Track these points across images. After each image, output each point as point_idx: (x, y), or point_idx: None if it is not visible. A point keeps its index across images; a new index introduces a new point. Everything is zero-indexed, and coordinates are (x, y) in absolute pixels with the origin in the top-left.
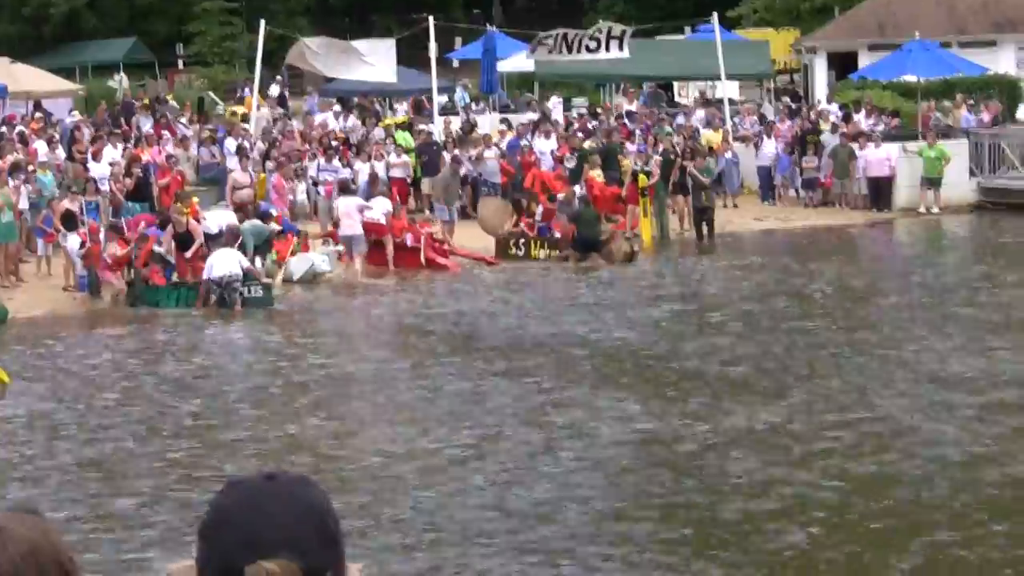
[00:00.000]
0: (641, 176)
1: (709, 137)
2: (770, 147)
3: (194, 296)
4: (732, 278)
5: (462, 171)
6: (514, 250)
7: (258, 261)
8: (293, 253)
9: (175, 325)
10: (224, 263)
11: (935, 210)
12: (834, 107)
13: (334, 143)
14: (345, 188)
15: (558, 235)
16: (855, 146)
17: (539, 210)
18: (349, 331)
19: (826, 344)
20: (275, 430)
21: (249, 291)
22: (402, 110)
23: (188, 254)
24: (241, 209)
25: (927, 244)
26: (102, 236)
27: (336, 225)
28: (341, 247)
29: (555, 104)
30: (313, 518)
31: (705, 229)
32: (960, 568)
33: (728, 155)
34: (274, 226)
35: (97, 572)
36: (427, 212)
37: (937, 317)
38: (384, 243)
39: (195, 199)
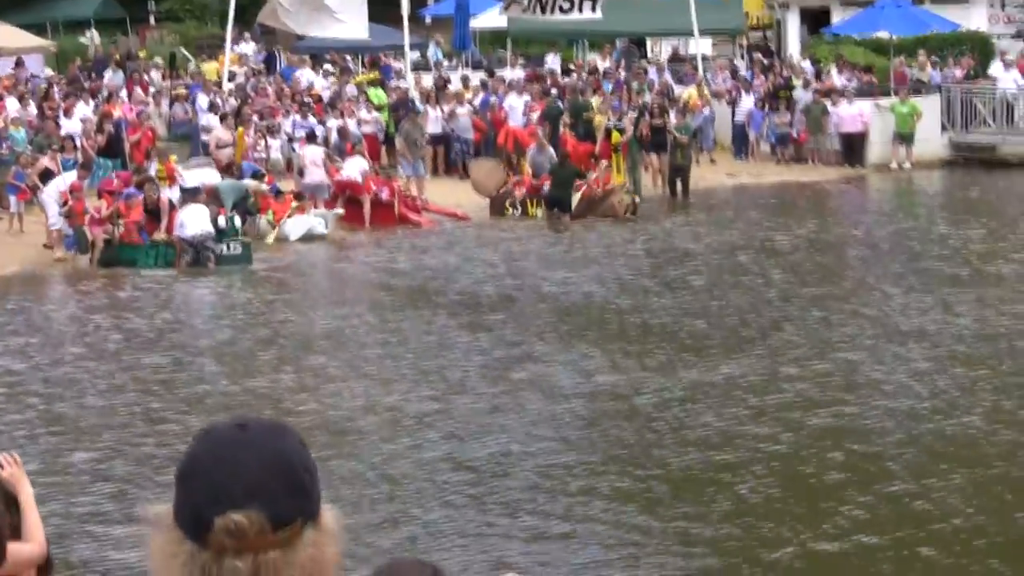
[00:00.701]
0: (615, 133)
1: (689, 93)
2: (747, 103)
3: (172, 254)
4: (702, 234)
5: (433, 128)
6: (511, 210)
7: (237, 219)
8: (291, 215)
9: (148, 283)
10: (196, 221)
11: (907, 166)
12: (807, 64)
13: (307, 100)
14: (311, 137)
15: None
16: (828, 102)
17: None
18: (321, 288)
19: (790, 298)
20: (236, 384)
21: (228, 248)
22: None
23: (161, 228)
24: (227, 169)
25: (898, 199)
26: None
27: (301, 173)
28: (340, 210)
29: (552, 61)
30: (283, 467)
31: (679, 187)
32: (910, 517)
33: (706, 112)
34: (264, 185)
35: (53, 526)
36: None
37: (902, 271)
38: (361, 201)
39: (173, 157)
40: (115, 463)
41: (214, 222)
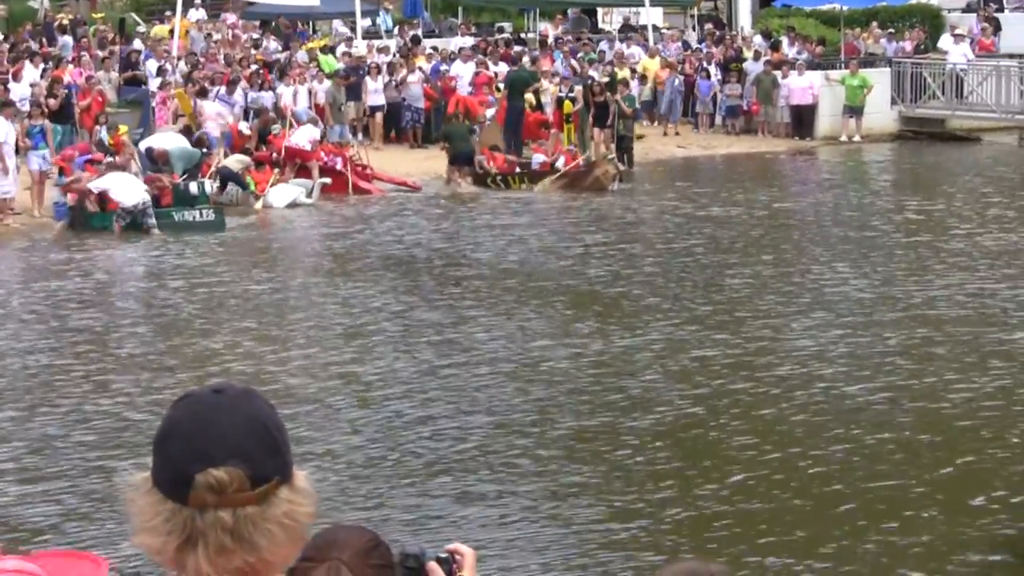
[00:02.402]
0: (566, 103)
1: (645, 64)
2: (712, 74)
3: (137, 223)
4: (643, 205)
5: (379, 97)
6: (493, 186)
7: (207, 184)
8: (273, 184)
9: (109, 246)
10: (131, 193)
11: (856, 138)
12: (758, 37)
13: (254, 66)
14: (203, 93)
15: (537, 166)
16: (778, 74)
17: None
18: (274, 256)
19: (721, 268)
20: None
21: (200, 215)
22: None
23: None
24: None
25: (844, 172)
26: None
27: (199, 127)
28: (326, 179)
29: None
30: (259, 428)
31: (624, 158)
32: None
33: (676, 82)
34: (247, 159)
35: None
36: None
37: (833, 243)
38: (310, 168)
39: (123, 128)
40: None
41: (181, 188)
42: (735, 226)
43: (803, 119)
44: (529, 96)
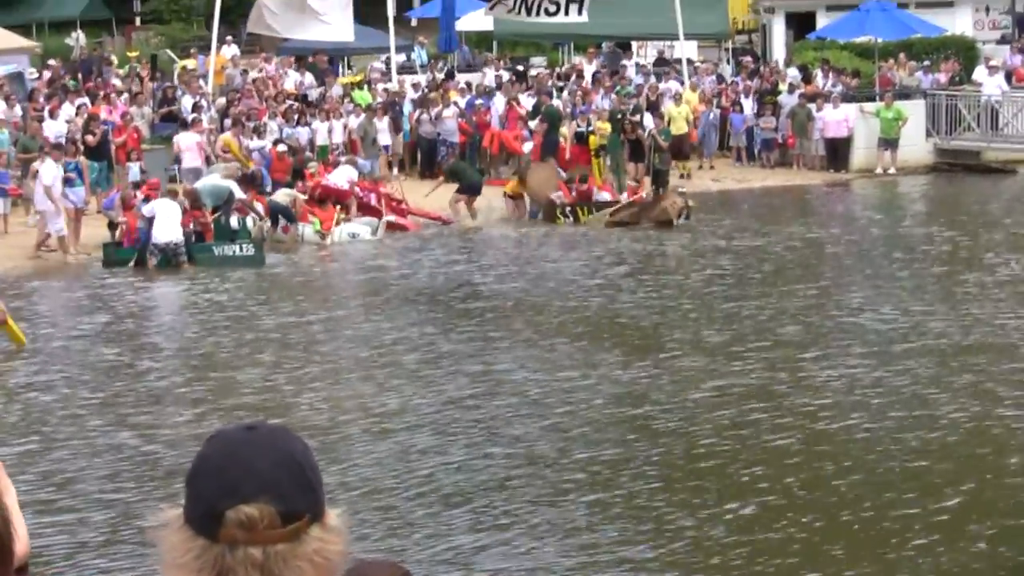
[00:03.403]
0: (591, 137)
1: (687, 98)
2: (746, 107)
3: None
4: (677, 238)
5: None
6: (562, 219)
7: (249, 221)
8: (338, 223)
9: (136, 281)
10: (168, 229)
11: (892, 171)
12: (792, 69)
13: (289, 102)
14: (185, 125)
15: (606, 197)
16: (813, 107)
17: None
18: (312, 291)
19: (742, 300)
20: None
21: (241, 249)
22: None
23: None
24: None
25: (879, 204)
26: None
27: (178, 160)
28: (393, 217)
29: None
30: (291, 465)
31: (659, 191)
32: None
33: (711, 116)
34: (301, 195)
35: None
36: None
37: (869, 274)
38: (347, 206)
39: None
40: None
41: (222, 223)
42: (768, 258)
43: (838, 152)
44: (564, 130)
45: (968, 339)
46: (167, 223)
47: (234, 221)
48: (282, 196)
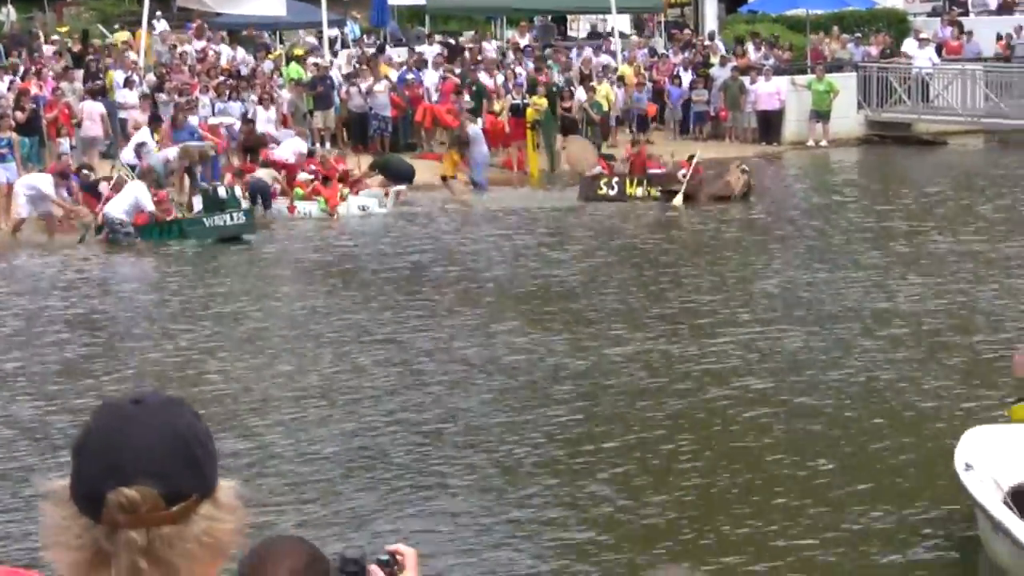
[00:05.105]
0: (529, 110)
1: (623, 71)
2: (684, 80)
3: (169, 231)
4: (606, 210)
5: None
6: (605, 189)
7: (237, 190)
8: (343, 198)
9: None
10: (117, 204)
11: (823, 143)
12: (719, 42)
13: (221, 77)
14: (94, 93)
15: (657, 171)
16: (745, 80)
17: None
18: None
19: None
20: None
21: (231, 218)
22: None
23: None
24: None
25: (810, 177)
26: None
27: (79, 126)
28: (404, 187)
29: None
30: (177, 443)
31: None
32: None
33: (644, 92)
34: (207, 144)
35: None
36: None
37: (803, 249)
38: (355, 182)
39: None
40: None
41: (210, 193)
42: (695, 230)
43: (770, 124)
44: (498, 105)
45: (867, 307)
46: (120, 200)
47: (222, 191)
48: (267, 175)
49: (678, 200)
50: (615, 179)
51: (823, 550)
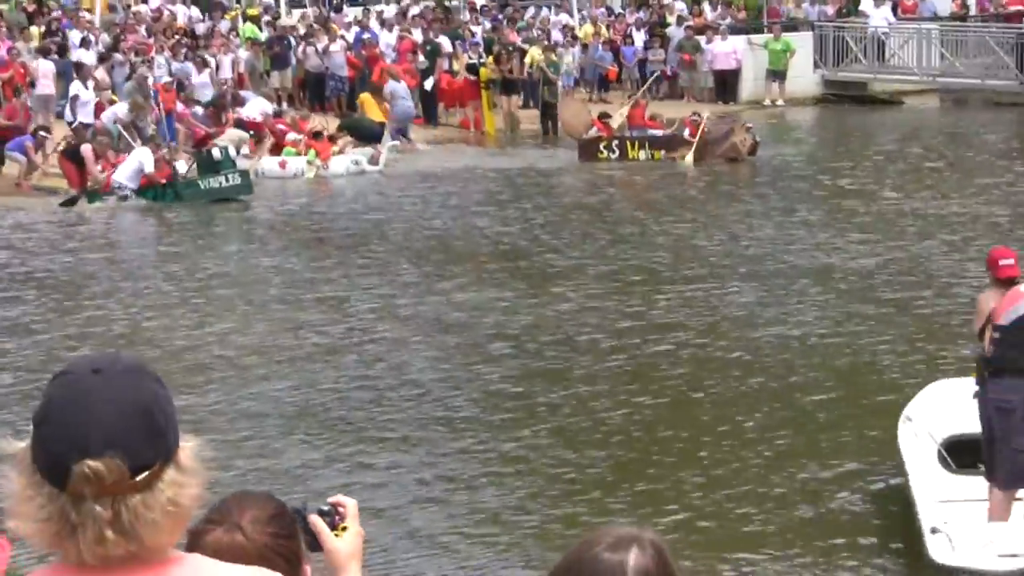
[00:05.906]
0: (482, 70)
1: (585, 30)
2: (637, 40)
3: (164, 195)
4: (561, 168)
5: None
6: (605, 153)
7: (232, 150)
8: (336, 154)
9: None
10: (123, 169)
11: (780, 102)
12: (680, 3)
13: (176, 36)
14: (45, 52)
15: (659, 134)
16: (701, 39)
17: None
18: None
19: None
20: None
21: (226, 179)
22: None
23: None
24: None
25: (767, 135)
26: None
27: (32, 85)
28: (398, 142)
29: None
30: (139, 412)
31: (550, 124)
32: None
33: (600, 49)
34: (240, 132)
35: None
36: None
37: (746, 205)
38: (262, 138)
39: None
40: None
41: (204, 155)
42: (659, 189)
43: (727, 84)
44: (456, 65)
45: (812, 263)
46: (126, 165)
47: (216, 152)
48: (228, 139)
49: (688, 159)
50: (615, 142)
51: (754, 506)
